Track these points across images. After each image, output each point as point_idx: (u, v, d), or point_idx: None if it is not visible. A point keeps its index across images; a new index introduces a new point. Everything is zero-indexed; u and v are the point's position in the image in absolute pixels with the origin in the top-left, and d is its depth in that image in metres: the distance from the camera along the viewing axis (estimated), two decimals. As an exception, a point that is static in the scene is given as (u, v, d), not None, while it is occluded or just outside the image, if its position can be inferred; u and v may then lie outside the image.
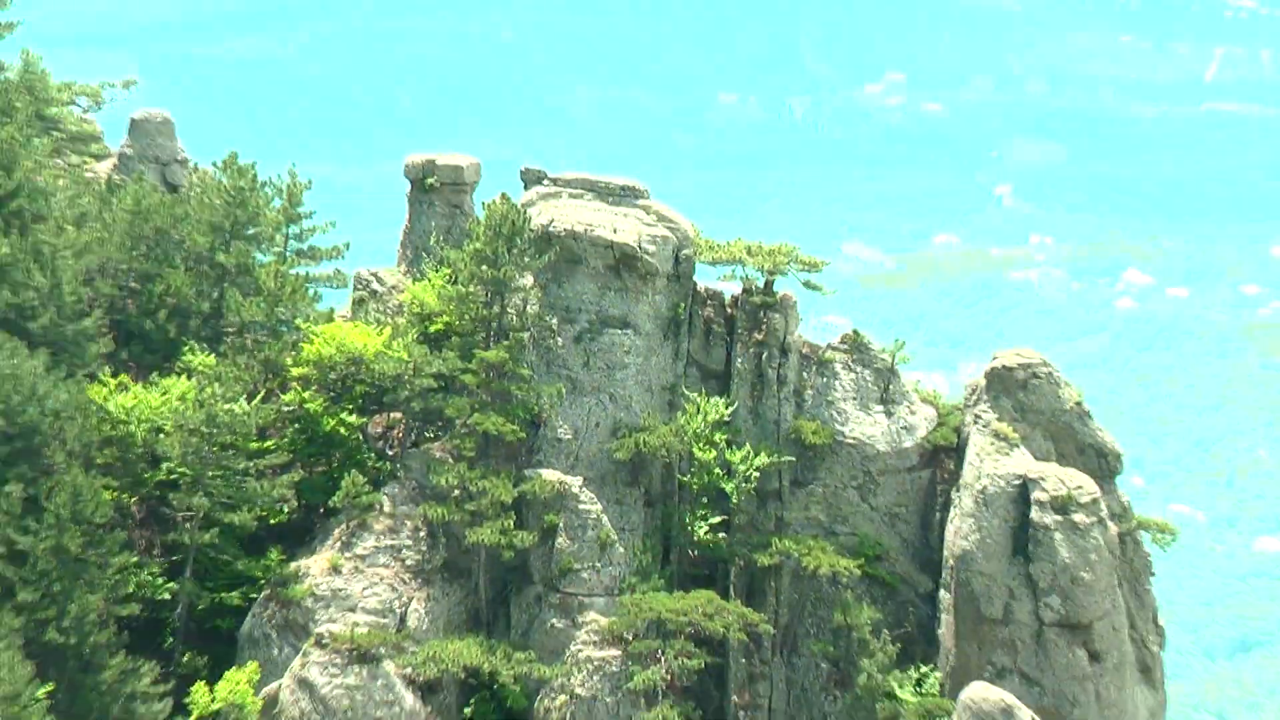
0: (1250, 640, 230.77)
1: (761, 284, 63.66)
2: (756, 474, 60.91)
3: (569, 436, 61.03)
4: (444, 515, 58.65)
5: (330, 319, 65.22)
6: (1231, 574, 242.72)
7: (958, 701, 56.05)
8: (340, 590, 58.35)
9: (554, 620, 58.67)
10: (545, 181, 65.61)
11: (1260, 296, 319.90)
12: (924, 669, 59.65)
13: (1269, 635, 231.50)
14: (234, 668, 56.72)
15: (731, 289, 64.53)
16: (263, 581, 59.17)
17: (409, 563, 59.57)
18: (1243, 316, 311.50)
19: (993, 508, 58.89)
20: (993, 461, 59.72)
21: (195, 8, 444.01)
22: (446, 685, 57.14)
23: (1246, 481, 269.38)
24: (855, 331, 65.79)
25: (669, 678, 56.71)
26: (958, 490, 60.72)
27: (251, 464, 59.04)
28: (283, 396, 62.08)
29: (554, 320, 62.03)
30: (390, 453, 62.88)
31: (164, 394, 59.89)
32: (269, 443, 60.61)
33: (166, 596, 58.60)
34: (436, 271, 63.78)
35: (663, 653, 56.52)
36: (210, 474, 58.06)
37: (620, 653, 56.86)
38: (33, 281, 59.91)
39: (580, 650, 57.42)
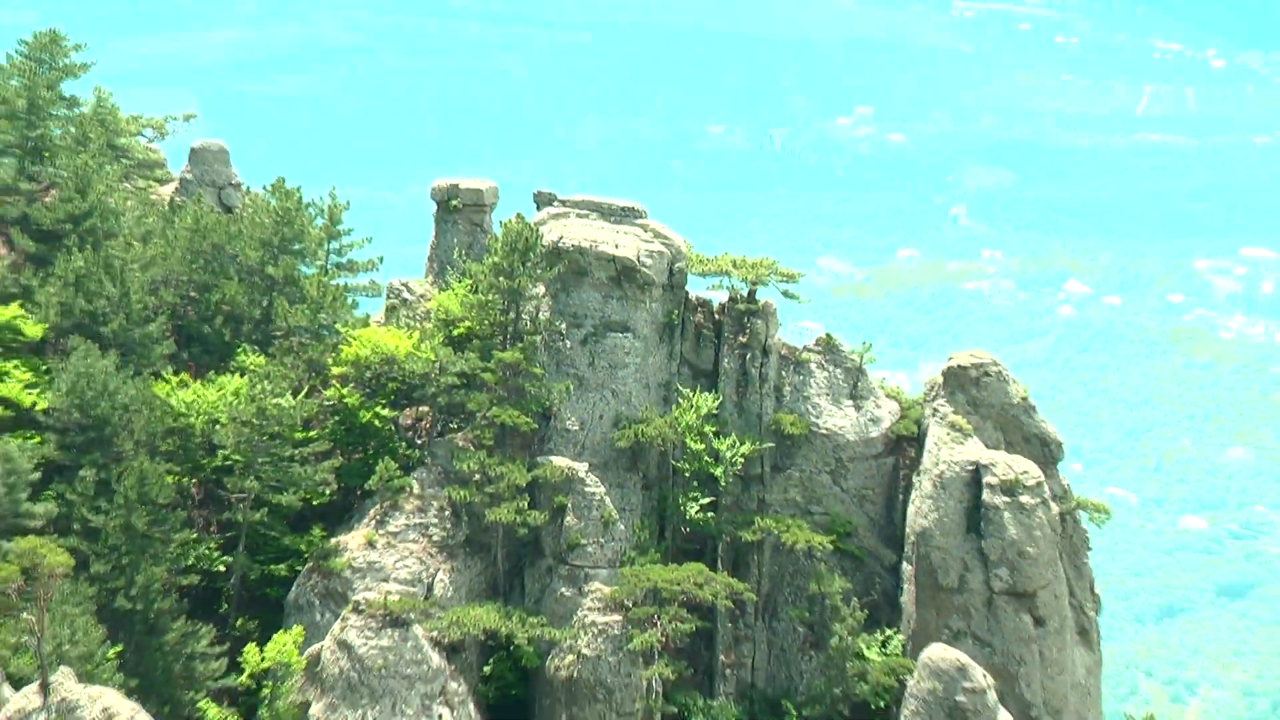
0: (1175, 607, 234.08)
1: (745, 293, 63.80)
2: (741, 460, 61.01)
3: (576, 427, 61.19)
4: (466, 497, 58.82)
5: (366, 324, 65.32)
6: (1158, 548, 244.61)
7: (918, 661, 56.54)
8: (375, 563, 58.68)
9: (563, 589, 58.94)
10: (555, 203, 65.80)
11: (1184, 305, 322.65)
12: (888, 632, 59.98)
13: (1191, 602, 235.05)
14: (281, 631, 57.07)
15: (719, 297, 64.69)
16: (306, 555, 59.50)
17: (435, 538, 59.86)
18: (1169, 322, 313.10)
19: (949, 490, 59.12)
20: (949, 449, 59.89)
21: (247, 51, 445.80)
22: (468, 646, 57.47)
23: (1172, 467, 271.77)
24: (827, 335, 66.07)
25: (664, 640, 56.84)
26: (918, 475, 60.88)
27: (296, 451, 59.26)
28: (324, 392, 62.45)
29: (563, 325, 62.25)
30: (419, 442, 62.93)
31: (220, 390, 60.25)
32: (312, 433, 60.83)
33: (221, 568, 59.15)
34: (459, 282, 64.00)
35: (658, 618, 56.55)
36: (260, 460, 58.28)
37: (621, 618, 56.99)
38: (104, 291, 60.26)
39: (586, 615, 57.66)
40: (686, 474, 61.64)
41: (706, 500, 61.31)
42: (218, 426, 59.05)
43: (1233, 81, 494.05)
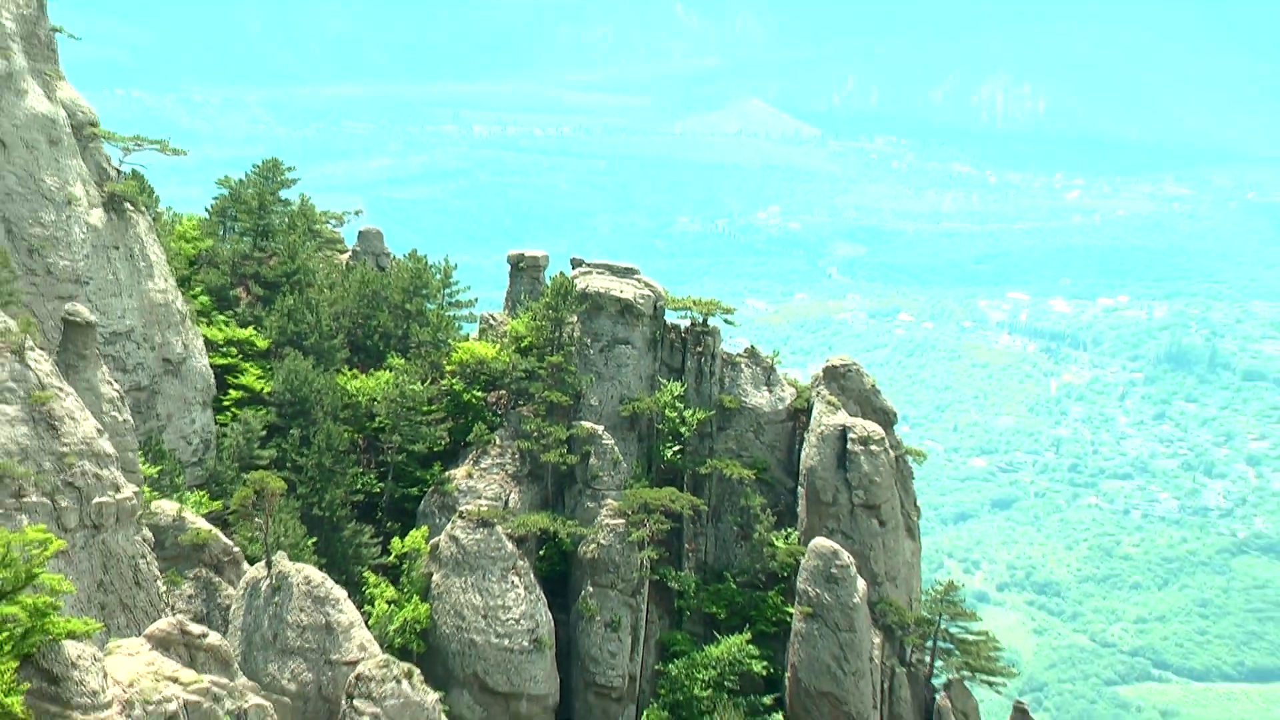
0: (965, 514, 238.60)
1: (700, 320, 63.99)
2: (697, 423, 61.45)
3: (596, 404, 61.46)
4: (528, 446, 59.47)
5: (466, 339, 66.14)
6: (955, 478, 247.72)
7: (808, 547, 56.71)
8: (472, 487, 59.22)
9: (588, 503, 59.36)
10: (583, 265, 66.18)
11: (971, 328, 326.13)
12: (789, 531, 59.94)
13: (975, 512, 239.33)
14: (414, 529, 57.78)
15: (685, 323, 64.75)
16: (430, 482, 60.08)
17: (509, 472, 60.34)
18: (962, 339, 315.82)
19: (826, 442, 59.12)
20: (827, 417, 60.05)
21: (394, 171, 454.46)
22: (529, 539, 58.01)
23: (964, 428, 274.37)
24: (751, 347, 66.10)
25: (651, 534, 57.38)
26: (808, 433, 60.82)
27: (423, 418, 59.94)
28: (441, 382, 63.02)
29: (588, 340, 62.50)
30: (499, 413, 63.22)
31: (376, 380, 60.91)
32: (434, 407, 61.25)
33: (378, 490, 59.92)
34: (524, 314, 64.34)
35: (647, 520, 56.97)
36: (401, 423, 59.08)
37: (624, 521, 57.38)
38: (305, 319, 61.19)
39: (602, 519, 58.12)
40: (664, 431, 61.84)
41: (677, 448, 61.63)
42: (375, 402, 59.72)
43: (1001, 191, 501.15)
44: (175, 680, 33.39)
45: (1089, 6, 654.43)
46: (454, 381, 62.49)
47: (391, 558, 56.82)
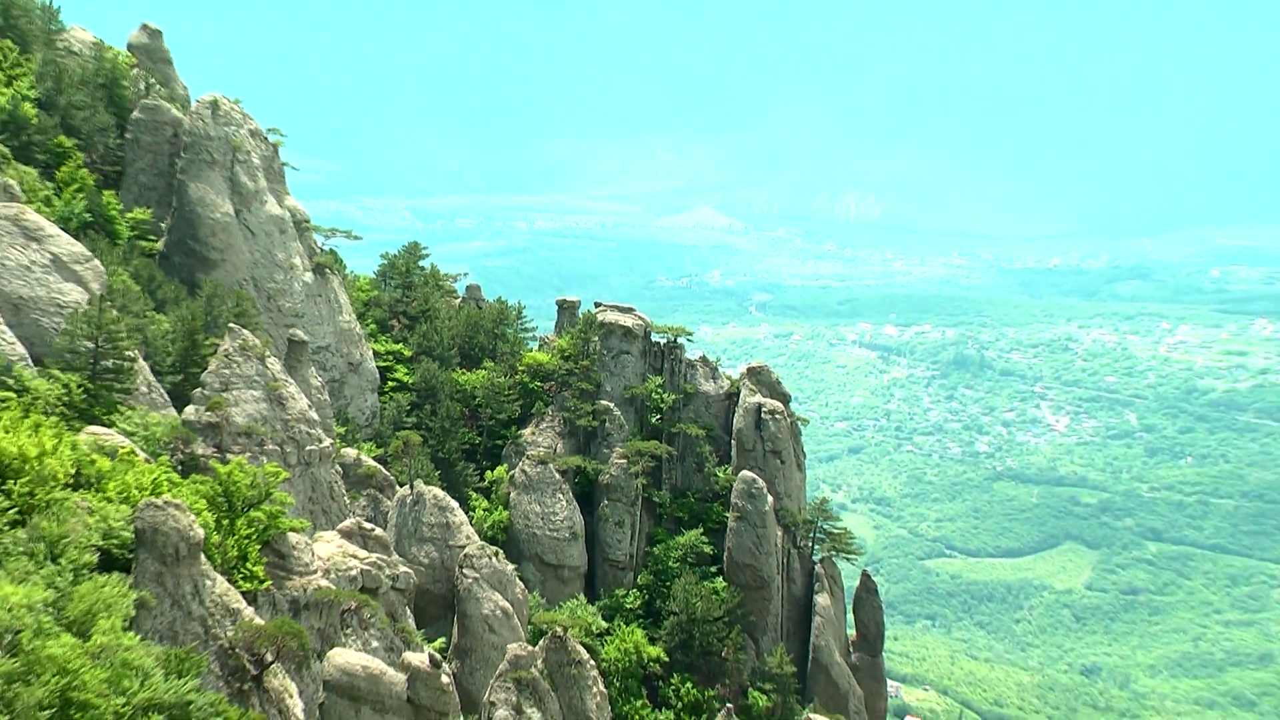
0: (833, 456, 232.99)
1: (672, 339, 62.66)
2: (670, 402, 60.22)
3: (609, 390, 60.18)
4: (568, 415, 58.60)
5: (531, 351, 65.02)
6: (827, 434, 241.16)
7: (737, 477, 54.94)
8: (534, 440, 58.46)
9: (604, 450, 58.24)
10: (601, 306, 64.81)
11: (836, 344, 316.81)
12: (725, 468, 58.28)
13: (838, 456, 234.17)
14: (500, 465, 57.06)
15: (663, 341, 63.00)
16: (509, 437, 59.20)
17: (557, 430, 59.28)
18: (830, 351, 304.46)
19: (749, 413, 57.92)
20: (749, 398, 58.77)
21: (488, 248, 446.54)
22: (569, 471, 56.64)
23: (832, 405, 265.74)
24: (703, 355, 64.37)
25: (642, 469, 56.25)
26: (738, 408, 59.33)
27: (504, 398, 59.26)
28: (515, 376, 61.99)
29: (604, 351, 61.25)
30: (551, 396, 61.80)
31: (477, 375, 60.37)
32: (511, 391, 60.47)
33: (478, 442, 59.04)
34: (566, 336, 63.19)
35: (640, 459, 55.90)
36: (492, 402, 58.61)
37: (626, 460, 56.14)
38: (434, 338, 60.79)
39: (613, 460, 56.87)
40: (650, 407, 60.47)
41: (658, 417, 60.29)
42: (476, 389, 59.18)
43: (853, 261, 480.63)
44: (355, 557, 33.45)
45: (911, 146, 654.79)
46: (523, 376, 61.78)
47: (485, 482, 56.54)
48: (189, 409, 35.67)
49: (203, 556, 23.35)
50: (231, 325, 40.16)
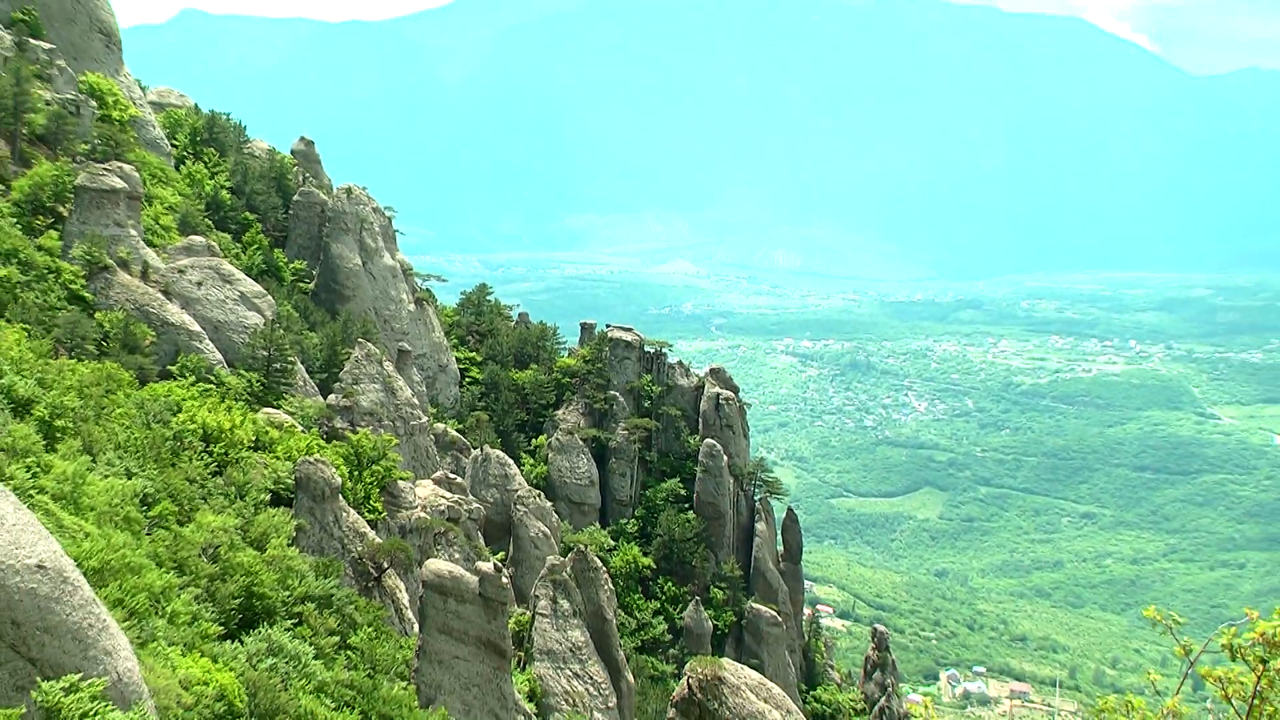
0: (768, 429, 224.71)
1: (659, 349, 61.21)
2: (657, 392, 58.40)
3: (616, 384, 58.43)
4: (588, 401, 57.13)
5: (564, 358, 62.84)
6: (764, 415, 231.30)
7: (702, 446, 53.24)
8: (565, 418, 56.74)
9: (613, 424, 56.25)
10: (611, 327, 62.71)
11: (771, 353, 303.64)
12: (695, 437, 55.68)
13: (771, 429, 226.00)
14: (541, 435, 55.51)
15: (652, 350, 61.18)
16: (547, 418, 57.33)
17: (581, 411, 57.48)
18: (767, 359, 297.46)
19: (711, 399, 56.41)
20: (710, 389, 57.35)
21: (532, 289, 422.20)
22: (588, 439, 54.95)
23: (767, 394, 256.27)
24: (680, 361, 62.23)
25: (638, 437, 55.06)
26: (703, 396, 57.65)
27: (544, 389, 57.73)
28: (552, 375, 60.26)
29: (613, 358, 59.39)
30: (576, 388, 59.86)
31: (527, 374, 58.80)
32: (549, 385, 58.90)
33: (525, 419, 57.03)
34: (586, 348, 61.43)
35: (637, 431, 54.78)
36: (535, 392, 57.01)
37: (628, 431, 54.95)
38: (497, 348, 59.04)
39: (618, 430, 55.44)
40: (643, 396, 58.64)
41: (649, 402, 58.13)
42: (526, 383, 57.65)
43: (781, 297, 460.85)
44: (443, 497, 33.42)
45: (821, 217, 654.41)
46: (558, 375, 60.38)
47: (532, 447, 55.55)
48: (331, 396, 35.73)
49: (340, 497, 23.49)
50: (360, 340, 40.29)
